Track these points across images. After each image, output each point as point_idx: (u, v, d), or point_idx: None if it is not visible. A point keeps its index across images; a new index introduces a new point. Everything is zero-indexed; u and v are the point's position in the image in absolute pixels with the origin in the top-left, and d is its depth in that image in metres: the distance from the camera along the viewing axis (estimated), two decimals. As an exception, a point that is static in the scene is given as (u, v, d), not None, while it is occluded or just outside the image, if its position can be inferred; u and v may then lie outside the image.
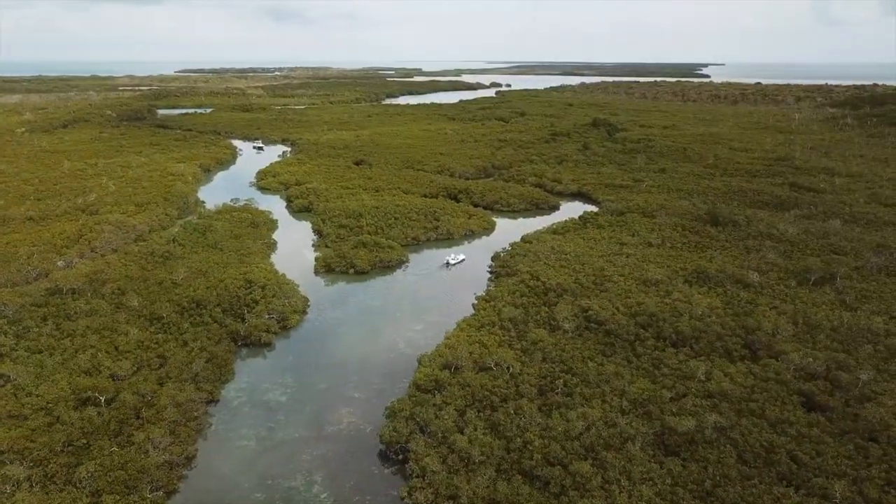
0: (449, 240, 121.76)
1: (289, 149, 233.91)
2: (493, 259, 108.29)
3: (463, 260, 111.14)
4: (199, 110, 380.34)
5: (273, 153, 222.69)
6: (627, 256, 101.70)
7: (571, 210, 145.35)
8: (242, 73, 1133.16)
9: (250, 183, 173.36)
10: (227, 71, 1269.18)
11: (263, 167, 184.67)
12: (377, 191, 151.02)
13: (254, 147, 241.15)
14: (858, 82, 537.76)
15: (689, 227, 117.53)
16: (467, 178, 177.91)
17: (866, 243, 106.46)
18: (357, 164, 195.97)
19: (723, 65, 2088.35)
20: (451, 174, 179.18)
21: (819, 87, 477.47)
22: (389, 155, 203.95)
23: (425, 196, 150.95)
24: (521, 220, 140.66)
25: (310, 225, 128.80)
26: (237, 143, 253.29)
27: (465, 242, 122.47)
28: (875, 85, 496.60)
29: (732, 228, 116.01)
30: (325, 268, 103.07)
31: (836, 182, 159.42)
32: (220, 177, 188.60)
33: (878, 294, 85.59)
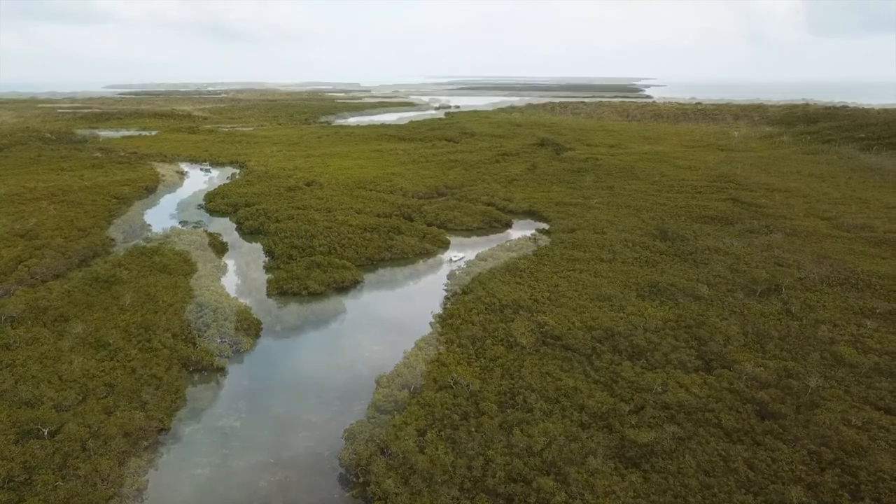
0: (404, 259, 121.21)
1: (238, 171, 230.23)
2: (448, 277, 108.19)
3: (463, 258, 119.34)
4: (143, 133, 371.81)
5: (222, 175, 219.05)
6: (580, 272, 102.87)
7: (523, 228, 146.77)
8: (188, 94, 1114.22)
9: (198, 205, 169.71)
10: (173, 92, 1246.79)
11: (212, 189, 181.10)
12: (329, 211, 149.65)
13: (201, 169, 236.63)
14: (790, 100, 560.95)
15: (638, 242, 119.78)
16: (420, 198, 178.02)
17: (807, 255, 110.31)
18: (308, 184, 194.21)
19: (664, 86, 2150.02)
20: (404, 194, 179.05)
21: (755, 106, 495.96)
22: (341, 175, 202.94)
23: (378, 216, 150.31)
24: (474, 238, 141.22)
25: (261, 246, 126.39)
26: (184, 165, 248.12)
27: (421, 261, 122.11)
28: (807, 104, 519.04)
29: (681, 243, 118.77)
30: (278, 290, 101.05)
31: (775, 197, 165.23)
32: (166, 200, 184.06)
33: (822, 304, 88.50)
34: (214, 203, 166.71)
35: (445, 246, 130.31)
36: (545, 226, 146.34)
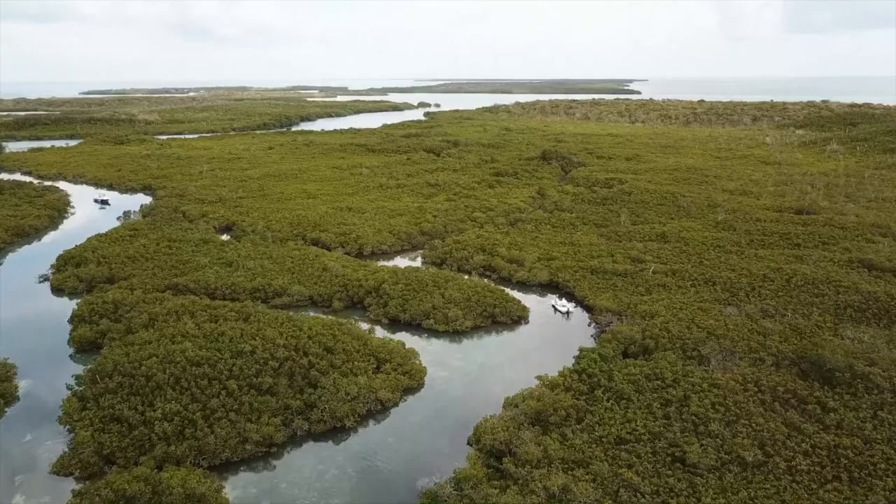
0: (336, 430, 63.46)
1: (148, 200, 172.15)
2: (421, 509, 51.00)
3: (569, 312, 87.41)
4: (62, 143, 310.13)
5: (119, 209, 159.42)
6: (715, 518, 45.87)
7: (545, 320, 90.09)
8: (153, 93, 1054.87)
9: (41, 277, 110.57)
10: (137, 91, 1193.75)
11: (74, 246, 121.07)
12: (231, 296, 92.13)
13: (96, 200, 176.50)
14: (806, 98, 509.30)
15: (783, 392, 62.85)
16: (384, 255, 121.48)
17: None
18: (225, 230, 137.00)
19: (646, 80, 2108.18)
20: (360, 249, 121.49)
21: (772, 105, 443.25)
22: (277, 213, 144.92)
23: (311, 302, 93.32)
24: (466, 346, 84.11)
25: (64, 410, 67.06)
26: (83, 192, 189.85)
27: (368, 425, 64.82)
28: (825, 102, 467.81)
29: (865, 396, 62.17)
30: None
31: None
32: (8, 262, 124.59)
33: None
34: (65, 274, 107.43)
35: (417, 384, 72.58)
36: (584, 315, 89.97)
